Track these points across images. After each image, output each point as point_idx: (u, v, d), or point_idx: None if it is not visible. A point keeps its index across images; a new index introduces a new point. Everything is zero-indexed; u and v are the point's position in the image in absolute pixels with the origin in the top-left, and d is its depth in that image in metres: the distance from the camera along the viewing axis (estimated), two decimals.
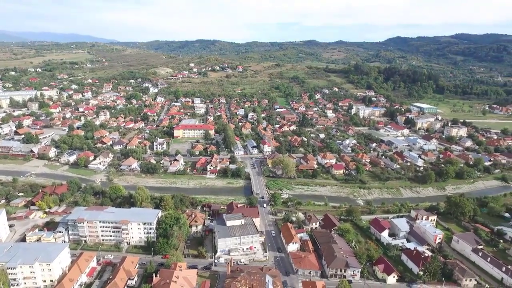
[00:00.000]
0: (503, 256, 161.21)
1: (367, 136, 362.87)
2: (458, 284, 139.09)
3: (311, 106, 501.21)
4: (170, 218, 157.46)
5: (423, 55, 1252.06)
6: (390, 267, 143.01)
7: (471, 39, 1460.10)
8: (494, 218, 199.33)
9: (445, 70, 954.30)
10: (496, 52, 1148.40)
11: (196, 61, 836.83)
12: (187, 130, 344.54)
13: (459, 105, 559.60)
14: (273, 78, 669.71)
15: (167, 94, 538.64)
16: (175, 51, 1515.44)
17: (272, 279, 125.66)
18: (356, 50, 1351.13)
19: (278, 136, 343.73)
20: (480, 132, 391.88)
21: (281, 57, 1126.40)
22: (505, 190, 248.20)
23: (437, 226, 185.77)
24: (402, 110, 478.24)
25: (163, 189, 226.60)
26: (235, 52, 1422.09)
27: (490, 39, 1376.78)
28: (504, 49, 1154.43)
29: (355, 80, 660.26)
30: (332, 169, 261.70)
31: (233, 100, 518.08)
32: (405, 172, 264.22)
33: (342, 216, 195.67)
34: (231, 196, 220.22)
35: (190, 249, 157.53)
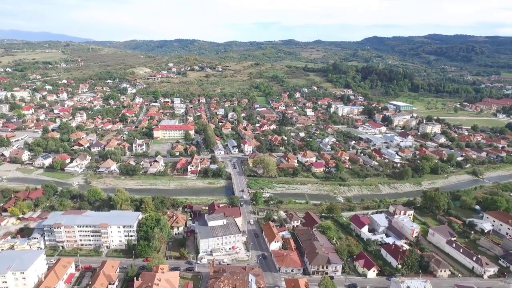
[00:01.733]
0: (474, 246, 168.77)
1: (346, 134, 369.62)
2: (434, 275, 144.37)
3: (291, 105, 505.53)
4: (151, 220, 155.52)
5: (398, 54, 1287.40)
6: (370, 262, 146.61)
7: (442, 39, 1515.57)
8: (466, 210, 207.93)
9: (420, 69, 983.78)
10: (465, 52, 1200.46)
11: (175, 61, 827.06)
12: (166, 130, 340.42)
13: (433, 103, 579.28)
14: (253, 78, 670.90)
15: (146, 95, 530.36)
16: (154, 50, 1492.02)
17: (255, 278, 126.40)
18: (334, 50, 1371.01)
19: (259, 135, 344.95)
20: (453, 129, 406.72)
21: (260, 56, 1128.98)
22: (475, 183, 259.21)
23: (414, 220, 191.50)
24: (380, 108, 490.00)
25: (143, 191, 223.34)
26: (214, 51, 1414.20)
27: (460, 40, 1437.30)
28: (472, 49, 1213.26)
29: (334, 79, 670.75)
30: (313, 167, 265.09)
31: (213, 99, 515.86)
32: (383, 168, 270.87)
33: (323, 213, 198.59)
34: (212, 196, 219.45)
35: (172, 251, 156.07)
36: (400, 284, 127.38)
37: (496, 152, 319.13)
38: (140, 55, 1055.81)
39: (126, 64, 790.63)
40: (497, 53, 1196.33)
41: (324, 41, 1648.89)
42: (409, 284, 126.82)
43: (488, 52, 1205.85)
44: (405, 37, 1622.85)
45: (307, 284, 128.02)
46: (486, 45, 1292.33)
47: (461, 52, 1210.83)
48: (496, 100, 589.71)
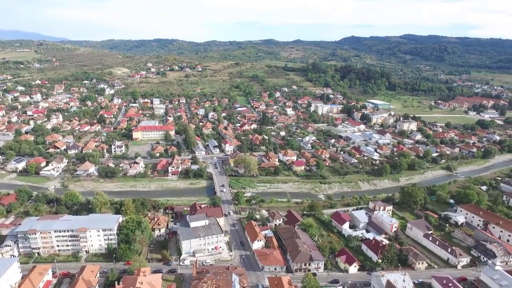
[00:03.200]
0: (449, 238, 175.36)
1: (326, 133, 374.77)
2: (412, 268, 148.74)
3: (271, 104, 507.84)
4: (131, 222, 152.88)
5: (375, 54, 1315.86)
6: (352, 258, 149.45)
7: (417, 39, 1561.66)
8: (441, 204, 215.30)
9: (396, 68, 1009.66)
10: (439, 52, 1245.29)
11: (154, 60, 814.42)
12: (146, 131, 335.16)
13: (409, 101, 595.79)
14: (233, 77, 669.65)
15: (125, 95, 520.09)
16: (132, 50, 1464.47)
17: (239, 278, 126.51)
18: (314, 49, 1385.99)
19: (239, 135, 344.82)
20: (428, 126, 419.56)
21: (240, 56, 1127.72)
22: (450, 178, 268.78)
23: (393, 215, 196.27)
24: (358, 107, 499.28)
25: (123, 193, 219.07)
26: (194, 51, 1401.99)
27: (433, 40, 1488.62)
28: (445, 49, 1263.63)
29: (313, 78, 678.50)
30: (293, 166, 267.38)
31: (193, 100, 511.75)
32: (363, 166, 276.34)
33: (304, 211, 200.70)
34: (194, 197, 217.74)
35: (153, 253, 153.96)
36: (381, 278, 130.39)
37: (468, 148, 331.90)
38: (118, 55, 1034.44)
39: (103, 64, 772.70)
40: (467, 54, 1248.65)
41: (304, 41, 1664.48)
42: (389, 277, 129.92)
43: (459, 52, 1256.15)
44: (382, 37, 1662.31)
45: (290, 281, 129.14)
46: (457, 46, 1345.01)
47: (435, 52, 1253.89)
48: (467, 98, 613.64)
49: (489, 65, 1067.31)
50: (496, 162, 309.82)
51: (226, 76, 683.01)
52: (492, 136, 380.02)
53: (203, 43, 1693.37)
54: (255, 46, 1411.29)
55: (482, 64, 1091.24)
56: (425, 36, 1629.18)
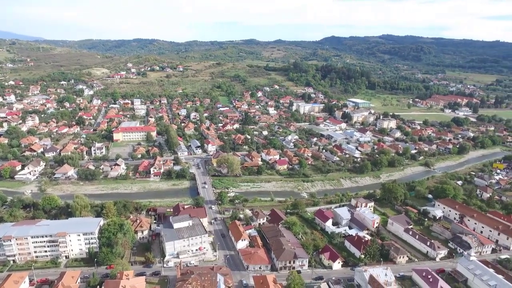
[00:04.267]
0: (428, 232, 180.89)
1: (308, 131, 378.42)
2: (393, 262, 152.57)
3: (253, 104, 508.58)
4: (113, 225, 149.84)
5: (355, 53, 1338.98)
6: (335, 254, 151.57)
7: (395, 39, 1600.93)
8: (420, 199, 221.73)
9: (375, 68, 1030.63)
10: (415, 52, 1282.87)
11: (134, 61, 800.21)
12: (127, 133, 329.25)
13: (388, 99, 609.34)
14: (215, 77, 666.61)
15: (104, 96, 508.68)
16: (111, 50, 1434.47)
17: (223, 278, 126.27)
18: (295, 49, 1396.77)
19: (222, 135, 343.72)
20: (407, 124, 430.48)
21: (221, 56, 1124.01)
22: (428, 174, 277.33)
23: (374, 211, 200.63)
24: (339, 105, 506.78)
25: (104, 195, 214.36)
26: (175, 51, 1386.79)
27: (410, 41, 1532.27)
28: (421, 49, 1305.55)
29: (295, 77, 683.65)
30: (276, 165, 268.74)
31: (175, 100, 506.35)
32: (344, 163, 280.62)
33: (288, 209, 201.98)
34: (177, 198, 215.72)
35: (136, 256, 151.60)
36: (364, 273, 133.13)
37: (444, 144, 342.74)
38: (97, 55, 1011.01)
39: (81, 65, 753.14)
40: (442, 54, 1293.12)
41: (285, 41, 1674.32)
42: (372, 272, 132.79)
43: (435, 52, 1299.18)
44: (361, 37, 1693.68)
45: (275, 280, 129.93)
46: (433, 46, 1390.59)
47: (412, 52, 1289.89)
48: (443, 97, 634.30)
49: (462, 64, 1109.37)
50: (470, 158, 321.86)
51: (208, 76, 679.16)
52: (467, 133, 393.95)
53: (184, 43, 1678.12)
54: (236, 46, 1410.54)
55: (456, 63, 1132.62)
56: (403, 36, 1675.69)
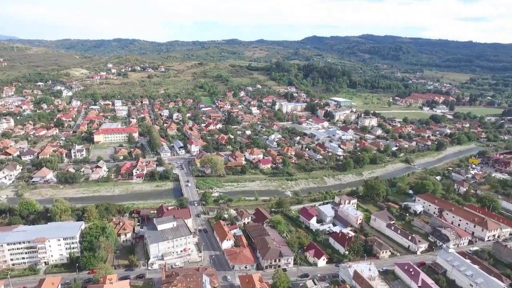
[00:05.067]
0: (409, 226, 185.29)
1: (291, 130, 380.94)
2: (377, 257, 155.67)
3: (236, 103, 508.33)
4: (95, 229, 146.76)
5: (336, 53, 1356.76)
6: (320, 251, 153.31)
7: (374, 39, 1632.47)
8: (401, 195, 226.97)
9: (356, 67, 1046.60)
10: (395, 52, 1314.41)
11: (114, 61, 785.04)
12: (108, 134, 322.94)
13: (369, 98, 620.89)
14: (197, 77, 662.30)
15: (84, 97, 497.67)
16: (90, 50, 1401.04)
17: (209, 278, 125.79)
18: (277, 48, 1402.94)
19: (205, 135, 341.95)
20: (387, 121, 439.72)
21: (204, 56, 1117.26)
22: (408, 170, 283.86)
23: (357, 208, 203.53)
24: (322, 104, 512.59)
25: (85, 199, 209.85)
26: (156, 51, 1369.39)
27: (390, 40, 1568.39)
28: (400, 49, 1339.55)
29: (277, 77, 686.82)
30: (260, 164, 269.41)
31: (157, 100, 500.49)
32: (328, 161, 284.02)
33: (272, 208, 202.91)
34: (160, 199, 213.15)
35: (120, 259, 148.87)
36: (348, 269, 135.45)
37: (423, 141, 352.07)
38: (76, 55, 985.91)
39: (59, 65, 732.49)
40: (420, 53, 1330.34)
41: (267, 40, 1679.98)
42: (356, 268, 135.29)
43: (413, 52, 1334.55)
44: (342, 36, 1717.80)
45: (261, 278, 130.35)
46: (411, 46, 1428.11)
47: (391, 51, 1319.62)
48: (421, 95, 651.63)
49: (439, 64, 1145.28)
50: (448, 154, 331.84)
51: (190, 76, 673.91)
52: (444, 130, 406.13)
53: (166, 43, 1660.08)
54: (218, 46, 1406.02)
55: (433, 63, 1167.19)
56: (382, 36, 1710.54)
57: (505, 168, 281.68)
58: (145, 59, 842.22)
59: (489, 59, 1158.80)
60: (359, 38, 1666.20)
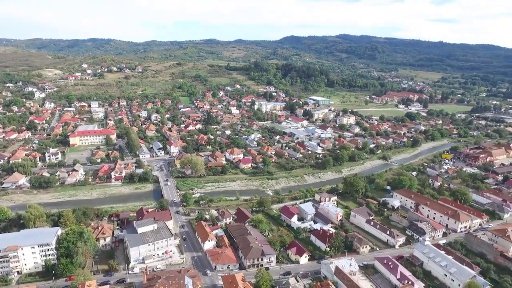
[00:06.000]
0: (387, 221, 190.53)
1: (270, 130, 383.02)
2: (357, 252, 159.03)
3: (215, 104, 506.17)
4: (72, 234, 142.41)
5: (314, 52, 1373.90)
6: (302, 249, 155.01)
7: (351, 39, 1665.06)
8: (379, 191, 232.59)
9: (334, 66, 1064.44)
10: (370, 51, 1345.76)
11: (89, 61, 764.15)
12: (85, 136, 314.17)
13: (347, 96, 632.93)
14: (175, 78, 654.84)
15: (58, 99, 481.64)
16: (64, 50, 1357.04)
17: (192, 280, 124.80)
18: (255, 48, 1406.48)
19: (184, 136, 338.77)
20: (365, 119, 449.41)
21: (182, 56, 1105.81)
22: (386, 167, 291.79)
23: (337, 205, 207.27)
24: (300, 103, 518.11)
25: (61, 203, 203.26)
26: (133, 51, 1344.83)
27: (365, 40, 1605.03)
28: (376, 48, 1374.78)
29: (256, 77, 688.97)
30: (240, 164, 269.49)
31: (134, 102, 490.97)
32: (307, 160, 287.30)
33: (253, 208, 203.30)
34: (140, 201, 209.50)
35: (99, 264, 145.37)
36: (330, 265, 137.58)
37: (399, 138, 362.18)
38: (48, 55, 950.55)
39: (30, 66, 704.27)
40: (394, 53, 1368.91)
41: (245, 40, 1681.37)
42: (337, 263, 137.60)
43: (388, 52, 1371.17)
44: (319, 36, 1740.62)
45: (244, 278, 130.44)
46: (386, 45, 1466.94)
47: (367, 51, 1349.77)
48: (396, 93, 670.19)
49: (413, 63, 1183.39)
50: (423, 150, 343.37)
51: (168, 76, 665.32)
52: (419, 127, 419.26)
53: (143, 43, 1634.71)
54: (196, 46, 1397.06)
55: (407, 62, 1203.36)
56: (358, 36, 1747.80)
57: (474, 162, 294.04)
58: (122, 60, 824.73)
59: (458, 58, 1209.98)
60: (336, 38, 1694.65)
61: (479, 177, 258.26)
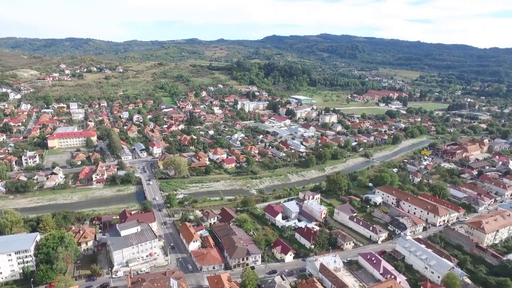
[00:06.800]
0: (370, 218, 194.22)
1: (254, 129, 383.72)
2: (341, 249, 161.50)
3: (198, 104, 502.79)
4: (52, 239, 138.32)
5: (296, 52, 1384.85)
6: (287, 247, 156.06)
7: (332, 38, 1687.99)
8: (362, 188, 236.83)
9: (316, 65, 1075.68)
10: (351, 50, 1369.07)
11: (68, 61, 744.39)
12: (64, 139, 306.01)
13: (329, 95, 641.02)
14: (157, 78, 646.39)
15: (35, 100, 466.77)
16: (40, 50, 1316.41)
17: (177, 282, 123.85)
18: (237, 48, 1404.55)
19: (167, 137, 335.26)
20: (347, 118, 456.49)
21: (163, 56, 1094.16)
22: (368, 164, 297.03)
23: (321, 203, 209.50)
24: (283, 103, 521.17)
25: (40, 208, 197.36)
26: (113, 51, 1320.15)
27: (346, 39, 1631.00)
28: (356, 48, 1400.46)
29: (238, 76, 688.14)
30: (224, 164, 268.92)
31: (115, 102, 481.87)
32: (291, 159, 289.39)
33: (238, 207, 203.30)
34: (123, 204, 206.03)
35: (81, 269, 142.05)
36: (314, 262, 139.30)
37: (380, 135, 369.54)
38: (23, 55, 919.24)
39: (4, 66, 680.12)
40: (374, 52, 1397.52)
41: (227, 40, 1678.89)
42: (322, 260, 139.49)
43: (368, 51, 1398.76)
44: (301, 36, 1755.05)
45: (230, 278, 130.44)
46: (366, 45, 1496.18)
47: (348, 50, 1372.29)
48: (377, 92, 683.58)
49: (392, 62, 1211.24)
50: (403, 147, 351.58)
51: (150, 76, 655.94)
52: (399, 124, 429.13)
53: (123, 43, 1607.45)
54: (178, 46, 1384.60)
55: (386, 61, 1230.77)
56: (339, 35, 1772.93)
57: (451, 158, 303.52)
58: (102, 60, 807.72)
59: (435, 58, 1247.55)
60: (317, 37, 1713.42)
61: (456, 172, 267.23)
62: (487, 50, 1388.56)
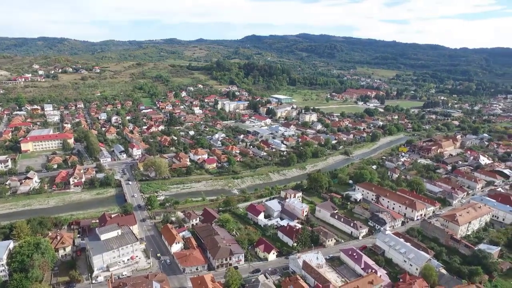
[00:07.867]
0: (351, 214, 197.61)
1: (234, 129, 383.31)
2: (323, 246, 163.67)
3: (178, 104, 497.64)
4: (27, 246, 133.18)
5: (275, 51, 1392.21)
6: (270, 246, 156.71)
7: (311, 38, 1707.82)
8: (342, 185, 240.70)
9: (295, 65, 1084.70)
10: (330, 50, 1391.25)
11: (41, 62, 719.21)
12: (38, 142, 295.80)
13: (308, 94, 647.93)
14: (136, 78, 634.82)
15: (6, 102, 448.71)
16: (10, 50, 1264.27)
17: (160, 284, 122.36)
18: (217, 48, 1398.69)
19: (147, 138, 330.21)
20: (326, 116, 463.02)
21: (142, 56, 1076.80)
22: (348, 162, 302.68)
23: (303, 201, 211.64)
24: (263, 102, 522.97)
25: (14, 214, 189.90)
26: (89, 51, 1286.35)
27: (324, 39, 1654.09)
28: (334, 47, 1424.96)
29: (218, 76, 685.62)
30: (205, 164, 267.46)
31: (93, 104, 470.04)
32: (272, 158, 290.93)
33: (220, 207, 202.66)
34: (102, 207, 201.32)
35: (59, 276, 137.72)
36: (297, 260, 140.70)
37: (359, 133, 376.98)
38: None
39: None
40: (352, 51, 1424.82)
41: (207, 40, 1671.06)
42: (305, 258, 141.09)
43: (346, 50, 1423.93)
44: (280, 35, 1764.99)
45: (213, 278, 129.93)
46: (344, 44, 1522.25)
47: (326, 49, 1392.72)
48: (355, 90, 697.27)
49: (369, 61, 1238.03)
50: (381, 144, 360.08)
51: (128, 77, 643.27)
52: (377, 122, 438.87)
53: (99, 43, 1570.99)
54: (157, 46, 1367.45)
55: (364, 60, 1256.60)
56: (318, 35, 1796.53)
57: (427, 154, 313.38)
58: (78, 60, 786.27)
59: (410, 57, 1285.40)
60: (296, 37, 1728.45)
61: (431, 168, 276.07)
62: (458, 50, 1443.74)
